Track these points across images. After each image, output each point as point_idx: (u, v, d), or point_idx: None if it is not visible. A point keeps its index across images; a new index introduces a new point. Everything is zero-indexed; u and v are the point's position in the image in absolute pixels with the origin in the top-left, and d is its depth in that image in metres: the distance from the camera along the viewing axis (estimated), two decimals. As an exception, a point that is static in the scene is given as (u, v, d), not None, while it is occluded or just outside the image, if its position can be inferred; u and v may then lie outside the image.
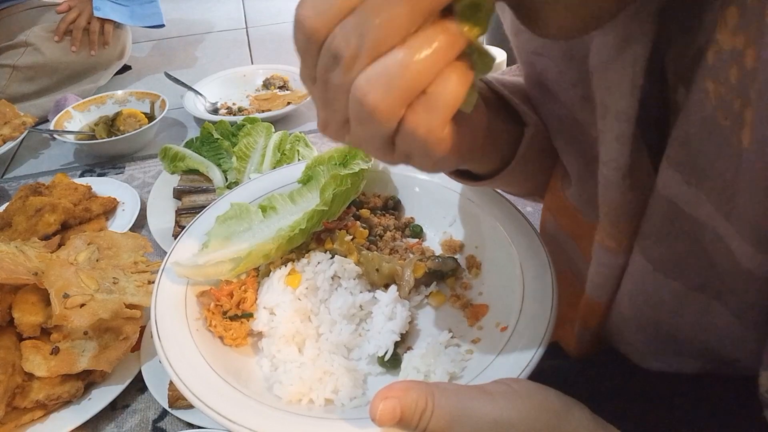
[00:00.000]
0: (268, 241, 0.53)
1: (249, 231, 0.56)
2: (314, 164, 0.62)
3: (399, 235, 0.60)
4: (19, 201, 0.88)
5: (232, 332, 0.50)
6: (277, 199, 0.60)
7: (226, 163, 0.96)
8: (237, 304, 0.52)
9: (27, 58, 1.27)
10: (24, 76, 1.27)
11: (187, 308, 0.50)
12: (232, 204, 0.58)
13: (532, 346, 0.43)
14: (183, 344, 0.46)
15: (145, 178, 1.07)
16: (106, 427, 0.63)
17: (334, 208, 0.57)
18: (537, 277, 0.49)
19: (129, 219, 0.90)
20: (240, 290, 0.53)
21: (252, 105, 1.28)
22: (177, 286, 0.51)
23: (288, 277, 0.53)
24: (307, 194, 0.60)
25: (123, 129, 1.15)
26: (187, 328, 0.48)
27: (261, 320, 0.51)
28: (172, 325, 0.47)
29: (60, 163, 1.15)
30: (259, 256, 0.53)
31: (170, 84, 1.32)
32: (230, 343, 0.50)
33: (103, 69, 1.40)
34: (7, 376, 0.58)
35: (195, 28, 1.85)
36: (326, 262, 0.53)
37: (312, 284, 0.52)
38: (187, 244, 0.55)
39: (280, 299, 0.51)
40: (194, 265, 0.52)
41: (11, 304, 0.63)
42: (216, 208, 0.59)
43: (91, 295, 0.64)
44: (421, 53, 0.25)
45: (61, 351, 0.61)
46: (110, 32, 1.36)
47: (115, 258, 0.75)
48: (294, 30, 0.27)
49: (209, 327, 0.50)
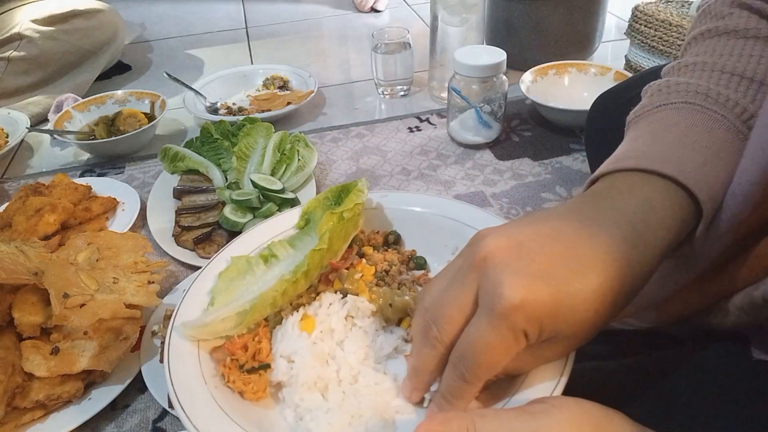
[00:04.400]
0: (272, 289, 0.53)
1: (253, 283, 0.55)
2: (310, 208, 0.62)
3: (404, 269, 0.59)
4: (19, 201, 0.88)
5: (252, 386, 0.48)
6: (277, 246, 0.59)
7: (226, 163, 0.96)
8: (253, 356, 0.50)
9: (21, 51, 1.27)
10: (18, 69, 1.27)
11: (203, 367, 0.49)
12: (232, 258, 0.57)
13: (560, 361, 0.41)
14: (206, 407, 0.44)
15: (145, 178, 1.07)
16: (106, 427, 0.63)
17: (335, 246, 0.56)
18: None
19: (129, 219, 0.90)
20: (254, 342, 0.51)
21: (252, 105, 1.28)
22: (188, 346, 0.50)
23: (302, 322, 0.51)
24: (307, 237, 0.60)
25: (123, 129, 1.15)
26: (207, 390, 0.46)
27: (280, 370, 0.49)
28: (192, 389, 0.46)
29: (60, 163, 1.15)
30: (266, 305, 0.52)
31: (170, 84, 1.32)
32: (251, 397, 0.48)
33: (97, 55, 1.40)
34: (7, 376, 0.58)
35: (195, 28, 1.85)
36: (338, 302, 0.53)
37: (327, 327, 0.51)
38: (192, 304, 0.54)
39: (297, 346, 0.50)
40: (202, 324, 0.51)
41: (11, 304, 0.63)
42: (216, 263, 0.58)
43: (91, 295, 0.64)
44: None
45: (61, 351, 0.61)
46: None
47: (115, 258, 0.75)
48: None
49: (228, 383, 0.48)
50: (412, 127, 1.16)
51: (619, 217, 0.36)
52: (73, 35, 1.34)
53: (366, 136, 1.15)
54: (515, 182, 0.97)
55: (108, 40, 1.43)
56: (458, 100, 1.03)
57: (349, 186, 0.63)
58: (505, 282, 0.33)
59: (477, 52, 1.01)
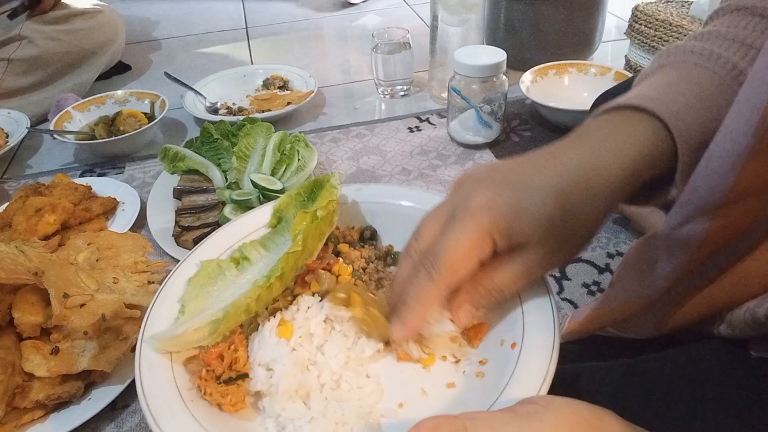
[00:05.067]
0: (246, 296, 0.50)
1: (225, 288, 0.52)
2: (282, 205, 0.60)
3: (381, 266, 0.57)
4: (19, 201, 0.88)
5: (230, 397, 0.46)
6: (249, 248, 0.56)
7: (226, 163, 0.96)
8: (229, 365, 0.48)
9: (21, 51, 1.27)
10: (19, 69, 1.27)
11: (177, 380, 0.46)
12: (201, 263, 0.54)
13: (544, 359, 0.41)
14: (184, 423, 0.42)
15: (145, 178, 1.07)
16: (106, 427, 0.63)
17: (310, 246, 0.53)
18: (533, 286, 0.47)
19: (129, 219, 0.90)
20: (230, 350, 0.49)
21: (252, 105, 1.28)
22: (160, 359, 0.48)
23: (279, 328, 0.49)
24: (279, 238, 0.57)
25: (123, 129, 1.15)
26: (182, 403, 0.44)
27: (258, 379, 0.47)
28: (166, 403, 0.44)
29: (60, 163, 1.15)
30: (239, 312, 0.49)
31: (170, 84, 1.32)
32: (230, 409, 0.46)
33: (98, 55, 1.40)
34: (7, 376, 0.58)
35: (195, 28, 1.85)
36: (316, 306, 0.50)
37: (305, 331, 0.49)
38: (161, 313, 0.51)
39: (276, 353, 0.48)
40: (172, 336, 0.48)
41: (11, 304, 0.63)
42: (185, 268, 0.54)
43: (91, 295, 0.64)
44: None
45: (61, 351, 0.61)
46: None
47: (115, 258, 0.76)
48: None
49: (204, 396, 0.46)
50: (412, 127, 1.16)
51: (586, 139, 0.40)
52: (73, 35, 1.34)
53: (366, 136, 1.15)
54: (515, 182, 0.97)
55: (108, 40, 1.43)
56: (458, 100, 1.03)
57: (321, 180, 0.59)
58: (476, 191, 0.37)
59: (477, 52, 1.01)
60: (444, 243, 0.38)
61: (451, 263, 0.38)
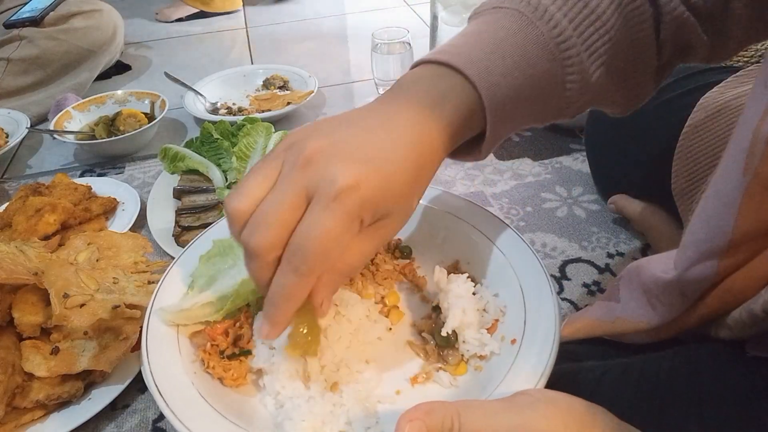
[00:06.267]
0: None
1: (234, 267, 0.54)
2: None
3: (388, 258, 0.59)
4: (19, 201, 0.88)
5: (231, 372, 0.48)
6: None
7: (226, 163, 0.96)
8: (234, 341, 0.50)
9: (21, 51, 1.27)
10: (18, 69, 1.27)
11: (182, 352, 0.48)
12: (214, 241, 0.56)
13: (543, 356, 0.42)
14: (185, 392, 0.44)
15: (145, 178, 1.07)
16: (106, 427, 0.63)
17: None
18: (535, 285, 0.49)
19: (129, 219, 0.90)
20: (235, 327, 0.51)
21: (252, 105, 1.28)
22: (167, 331, 0.50)
23: None
24: None
25: (123, 129, 1.15)
26: (185, 375, 0.46)
27: (261, 357, 0.48)
28: (170, 374, 0.45)
29: (60, 163, 1.15)
30: (247, 291, 0.51)
31: (170, 84, 1.32)
32: (231, 384, 0.48)
33: (97, 55, 1.40)
34: (7, 376, 0.58)
35: (195, 28, 1.85)
36: None
37: None
38: (172, 287, 0.53)
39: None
40: (180, 309, 0.50)
41: (11, 304, 0.63)
42: (198, 246, 0.57)
43: (91, 295, 0.64)
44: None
45: (61, 351, 0.61)
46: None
47: (115, 258, 0.76)
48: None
49: (207, 369, 0.48)
50: (412, 127, 1.16)
51: (416, 99, 0.41)
52: (73, 35, 1.34)
53: (366, 136, 1.15)
54: (515, 182, 0.97)
55: (108, 39, 1.43)
56: (458, 100, 1.03)
57: None
58: (338, 170, 0.36)
59: (477, 52, 1.01)
60: (311, 233, 0.36)
61: (320, 254, 0.36)
